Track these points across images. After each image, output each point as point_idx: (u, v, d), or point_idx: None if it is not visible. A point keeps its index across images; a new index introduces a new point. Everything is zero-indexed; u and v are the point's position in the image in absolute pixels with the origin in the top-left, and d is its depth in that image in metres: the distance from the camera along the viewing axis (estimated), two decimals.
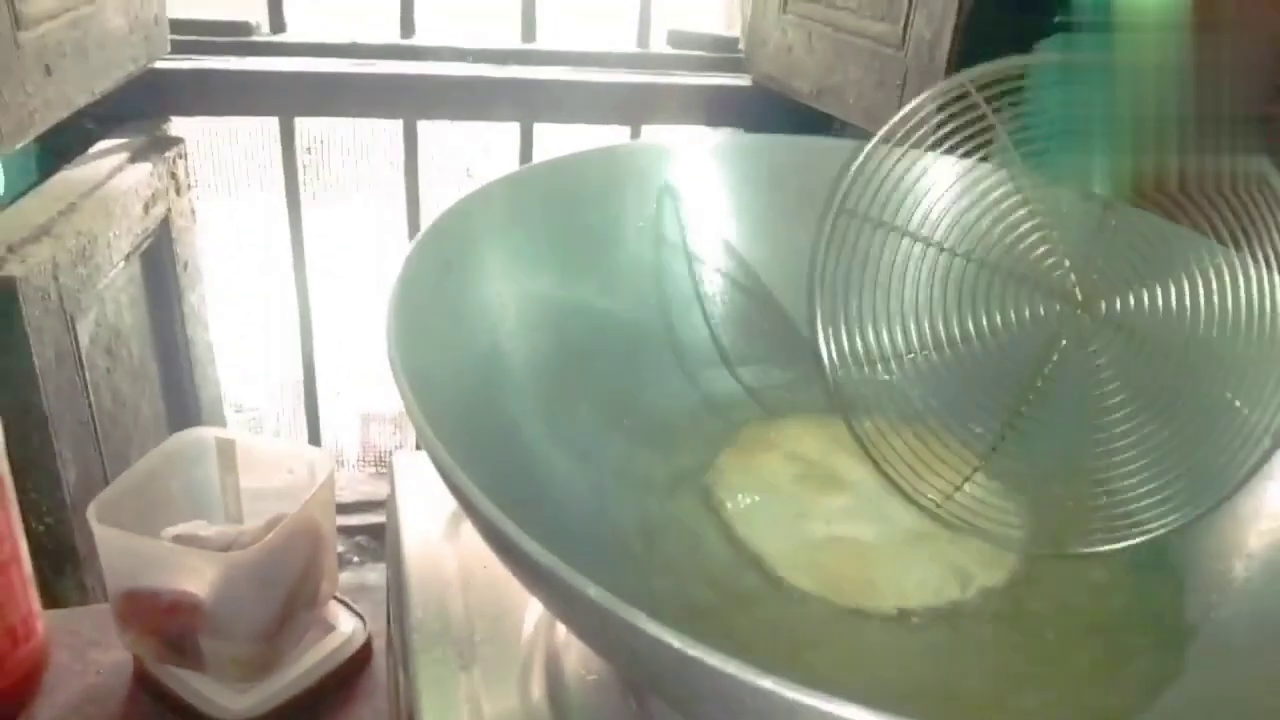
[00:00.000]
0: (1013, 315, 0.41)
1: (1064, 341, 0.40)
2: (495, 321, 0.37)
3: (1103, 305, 0.39)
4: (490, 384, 0.35)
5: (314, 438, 1.34)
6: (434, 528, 0.42)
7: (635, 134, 1.21)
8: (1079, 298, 0.40)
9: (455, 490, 0.24)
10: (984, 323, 0.41)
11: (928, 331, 0.41)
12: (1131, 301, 0.39)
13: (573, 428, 0.39)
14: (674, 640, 0.19)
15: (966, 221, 0.42)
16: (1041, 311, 0.40)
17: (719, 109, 1.19)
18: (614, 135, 1.23)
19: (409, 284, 0.31)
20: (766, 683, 0.19)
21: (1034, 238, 0.41)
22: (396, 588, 0.41)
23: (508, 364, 0.36)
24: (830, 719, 0.19)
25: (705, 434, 0.42)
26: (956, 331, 0.41)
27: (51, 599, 0.54)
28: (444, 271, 0.34)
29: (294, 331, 1.26)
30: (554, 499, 0.35)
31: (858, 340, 0.41)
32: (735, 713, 0.21)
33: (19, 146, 0.73)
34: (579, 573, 0.21)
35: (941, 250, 0.41)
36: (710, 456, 0.41)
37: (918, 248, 0.41)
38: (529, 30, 1.18)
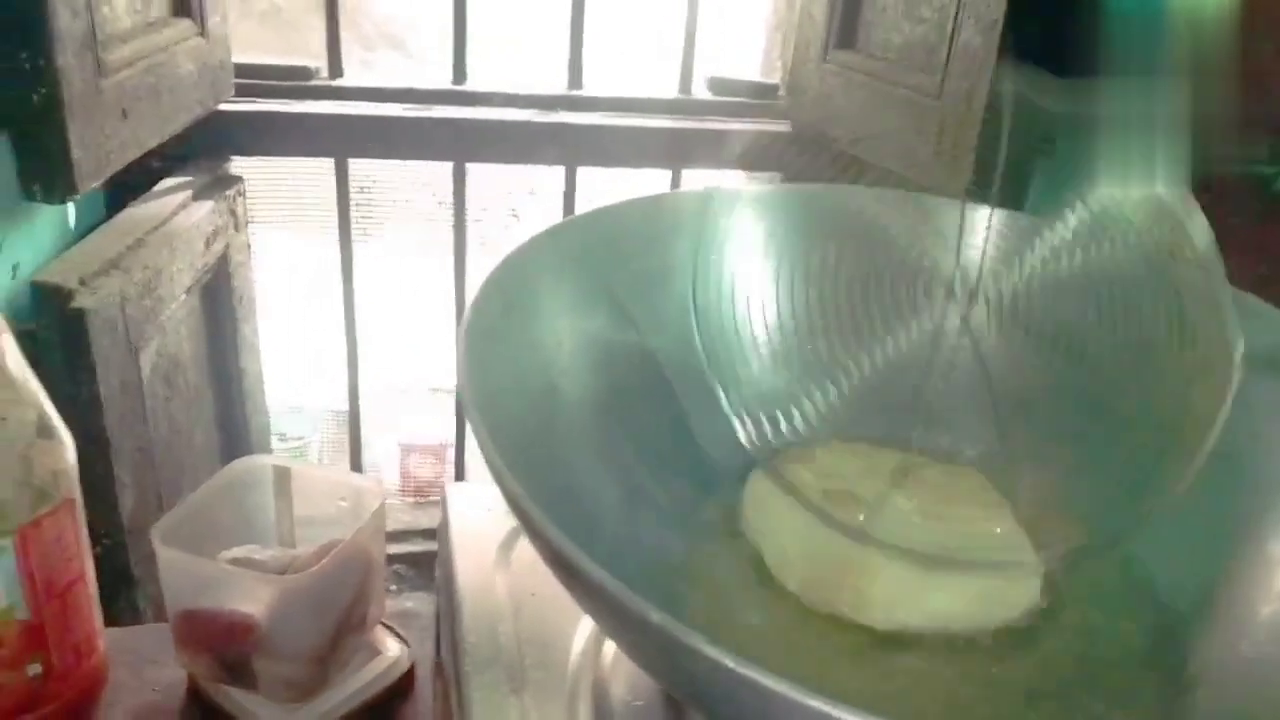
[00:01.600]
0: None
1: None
2: (551, 360, 0.39)
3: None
4: (547, 420, 0.37)
5: (355, 467, 1.37)
6: (485, 556, 0.44)
7: (676, 178, 1.23)
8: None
9: (523, 518, 0.25)
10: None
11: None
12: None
13: (623, 464, 0.40)
14: (730, 661, 0.21)
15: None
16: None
17: (758, 155, 1.21)
18: (655, 179, 1.25)
19: (475, 327, 0.33)
20: (816, 703, 0.20)
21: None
22: (449, 614, 0.42)
23: (563, 401, 0.38)
24: None
25: (748, 473, 0.44)
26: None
27: (106, 620, 0.56)
28: (505, 315, 0.36)
29: (340, 363, 1.29)
30: (605, 531, 0.36)
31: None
32: None
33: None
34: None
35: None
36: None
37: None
38: (575, 77, 1.22)
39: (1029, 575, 0.38)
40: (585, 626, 0.39)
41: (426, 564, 1.33)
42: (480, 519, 0.46)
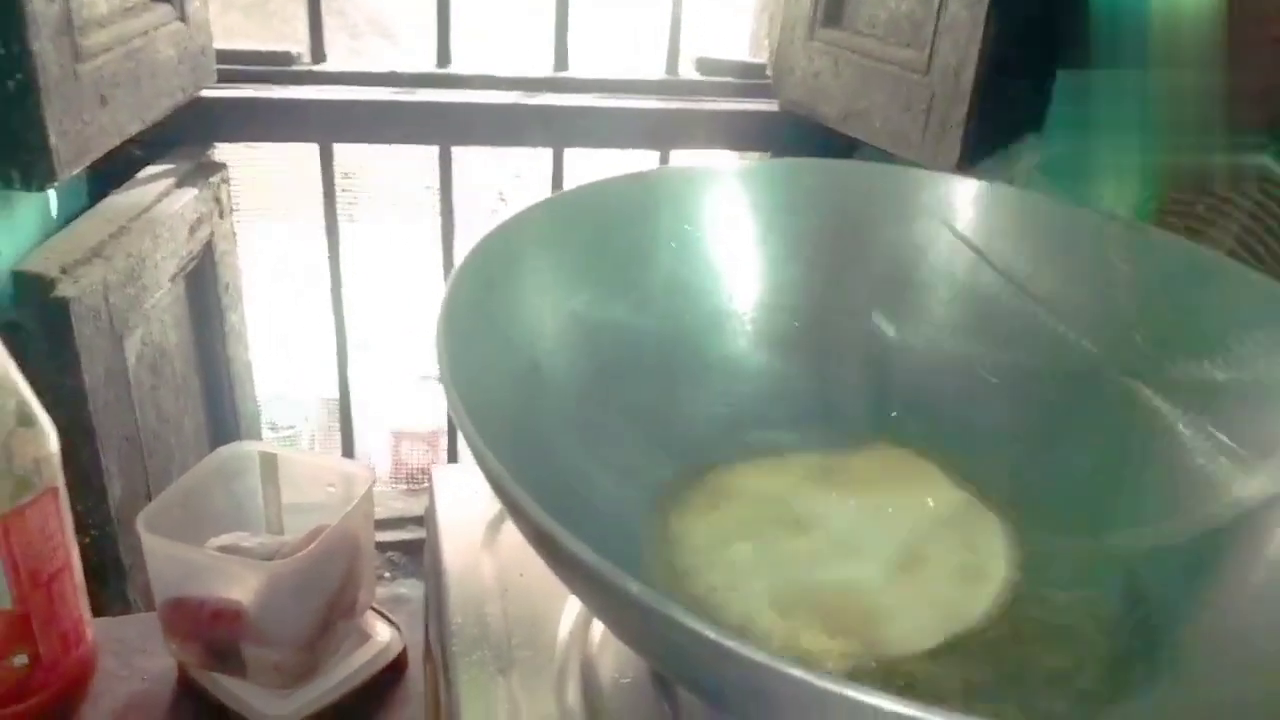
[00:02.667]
0: None
1: None
2: (534, 339, 0.38)
3: None
4: (531, 398, 0.37)
5: (347, 455, 1.37)
6: (472, 538, 0.43)
7: (664, 159, 1.23)
8: None
9: (503, 495, 0.25)
10: None
11: None
12: None
13: (607, 442, 0.40)
14: (710, 632, 0.21)
15: None
16: None
17: (746, 134, 1.21)
18: (643, 161, 1.25)
19: (456, 302, 0.33)
20: (797, 671, 0.20)
21: None
22: (436, 595, 0.42)
23: (547, 379, 0.38)
24: (858, 706, 0.20)
25: (736, 449, 0.43)
26: None
27: (95, 610, 0.55)
28: (487, 291, 0.36)
29: (329, 350, 1.29)
30: (590, 509, 0.36)
31: None
32: (768, 702, 0.22)
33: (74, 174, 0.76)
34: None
35: None
36: (739, 474, 0.42)
37: None
38: (561, 59, 1.21)
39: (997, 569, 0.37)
40: (573, 606, 0.39)
41: (420, 551, 1.33)
42: (467, 501, 0.46)
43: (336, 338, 1.27)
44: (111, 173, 0.95)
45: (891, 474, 0.42)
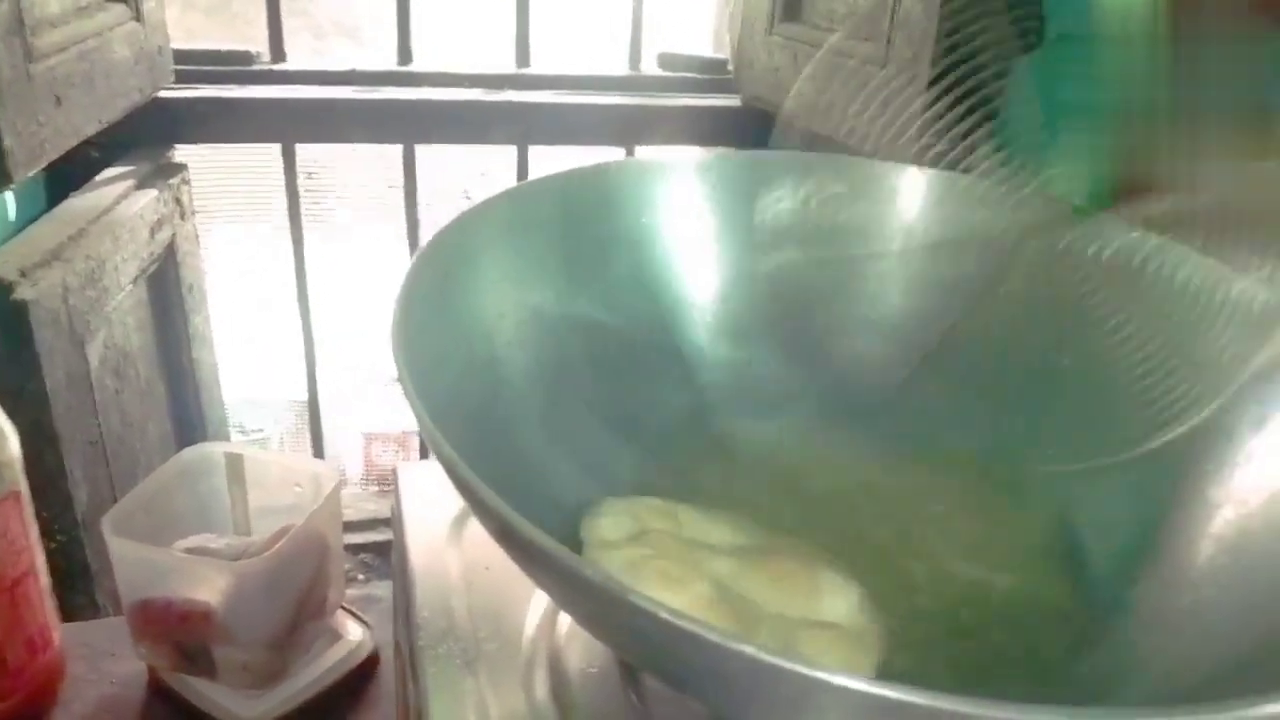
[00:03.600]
0: None
1: None
2: (494, 331, 0.39)
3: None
4: (491, 392, 0.37)
5: (318, 456, 1.36)
6: (438, 533, 0.44)
7: (629, 155, 1.23)
8: None
9: (460, 485, 0.25)
10: None
11: None
12: None
13: (571, 437, 0.40)
14: (666, 615, 0.21)
15: None
16: None
17: (710, 129, 1.21)
18: (608, 157, 1.25)
19: (412, 294, 0.33)
20: (750, 650, 0.20)
21: None
22: (403, 591, 0.42)
23: (508, 373, 0.38)
24: (813, 684, 0.20)
25: (702, 443, 0.44)
26: None
27: (64, 615, 0.55)
28: (444, 282, 0.36)
29: (297, 353, 1.28)
30: (552, 502, 0.37)
31: None
32: (727, 683, 0.23)
33: (30, 175, 0.75)
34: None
35: None
36: (705, 465, 0.43)
37: None
38: (523, 55, 1.21)
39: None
40: (540, 599, 0.40)
41: (390, 551, 1.32)
42: (432, 497, 0.46)
43: (304, 339, 1.26)
44: (70, 175, 0.94)
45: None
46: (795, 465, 0.43)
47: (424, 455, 1.46)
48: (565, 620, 0.39)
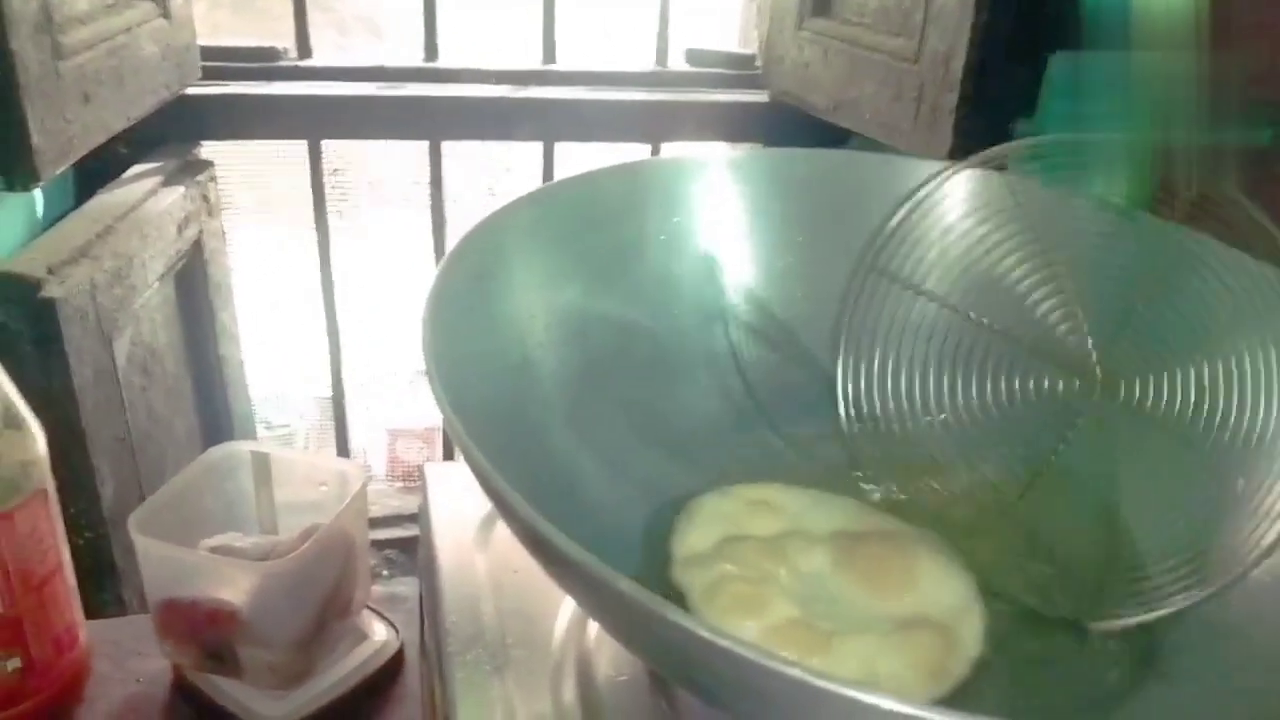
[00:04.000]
0: (1032, 388, 0.41)
1: (1080, 420, 0.40)
2: (524, 332, 0.38)
3: (1122, 388, 0.39)
4: (521, 393, 0.36)
5: (342, 453, 1.36)
6: (465, 535, 0.43)
7: (655, 151, 1.22)
8: (1099, 377, 0.40)
9: (491, 492, 0.25)
10: (1003, 392, 0.41)
11: (945, 395, 0.42)
12: (1151, 390, 0.38)
13: (600, 437, 0.40)
14: (703, 631, 0.20)
15: (992, 287, 0.42)
16: (1060, 388, 0.40)
17: (737, 125, 1.20)
18: (634, 153, 1.24)
19: (442, 295, 0.32)
20: (791, 671, 0.19)
21: (1060, 311, 0.41)
22: (430, 593, 0.42)
23: (537, 373, 0.38)
24: (854, 704, 0.19)
25: (729, 445, 0.43)
26: (975, 398, 0.41)
27: (89, 612, 0.55)
28: (475, 283, 0.35)
29: (322, 348, 1.28)
30: (584, 505, 0.36)
31: (875, 396, 0.42)
32: (763, 700, 0.22)
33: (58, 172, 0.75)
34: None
35: (967, 319, 0.42)
36: (732, 466, 0.42)
37: (944, 313, 0.42)
38: (549, 52, 1.20)
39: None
40: (568, 603, 0.39)
41: (416, 549, 1.33)
42: (460, 498, 0.45)
43: (329, 335, 1.27)
44: (98, 172, 0.95)
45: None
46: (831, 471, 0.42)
47: (448, 452, 1.47)
48: (594, 626, 0.38)
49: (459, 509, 0.45)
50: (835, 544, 0.36)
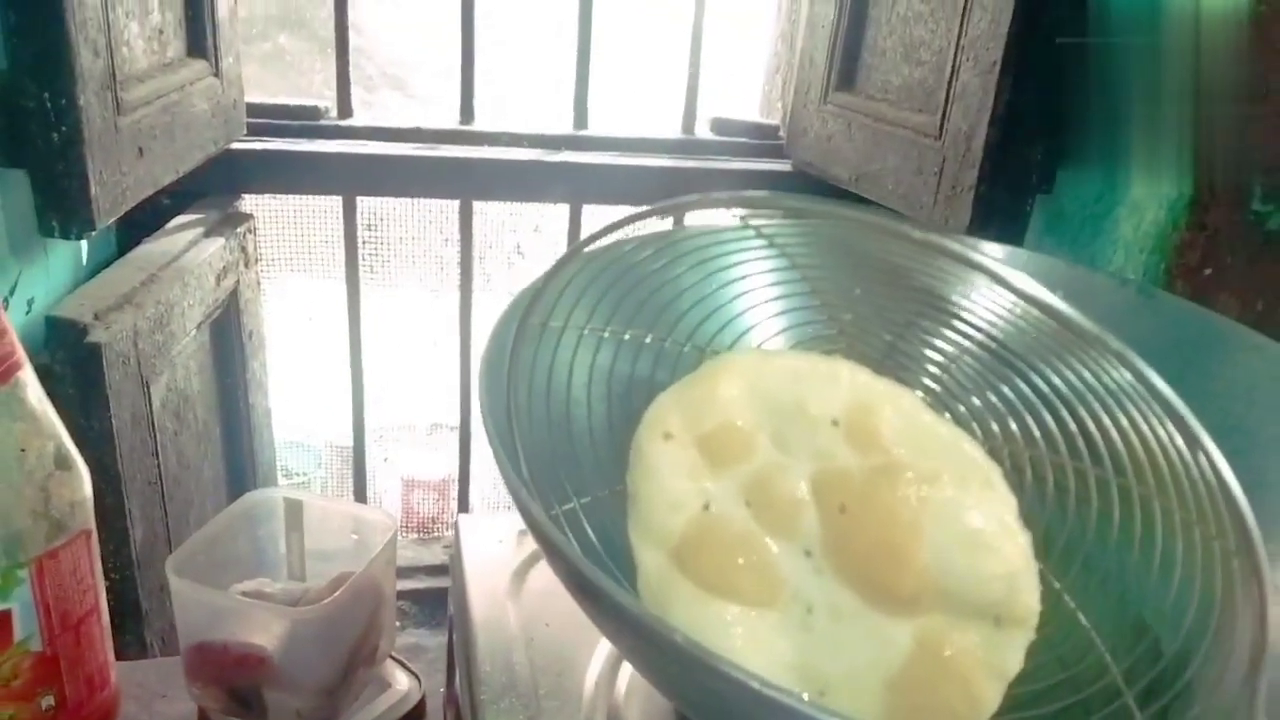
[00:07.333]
0: None
1: None
2: (568, 387, 0.39)
3: None
4: (563, 447, 0.38)
5: (360, 502, 1.37)
6: (498, 586, 0.44)
7: (680, 217, 1.25)
8: None
9: (544, 542, 0.26)
10: None
11: None
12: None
13: None
14: (754, 683, 0.21)
15: None
16: None
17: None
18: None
19: (493, 355, 0.34)
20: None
21: None
22: (463, 643, 0.43)
23: (578, 429, 0.39)
24: None
25: None
26: None
27: (114, 653, 0.56)
28: (520, 345, 0.37)
29: (343, 398, 1.30)
30: (620, 558, 0.37)
31: None
32: None
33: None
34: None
35: None
36: None
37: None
38: (581, 118, 1.24)
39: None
40: (600, 655, 0.40)
41: (430, 600, 1.32)
42: (492, 550, 0.46)
43: (353, 387, 1.28)
44: (140, 221, 0.97)
45: None
46: None
47: (463, 504, 1.47)
48: (624, 678, 0.39)
49: (491, 560, 0.46)
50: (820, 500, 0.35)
